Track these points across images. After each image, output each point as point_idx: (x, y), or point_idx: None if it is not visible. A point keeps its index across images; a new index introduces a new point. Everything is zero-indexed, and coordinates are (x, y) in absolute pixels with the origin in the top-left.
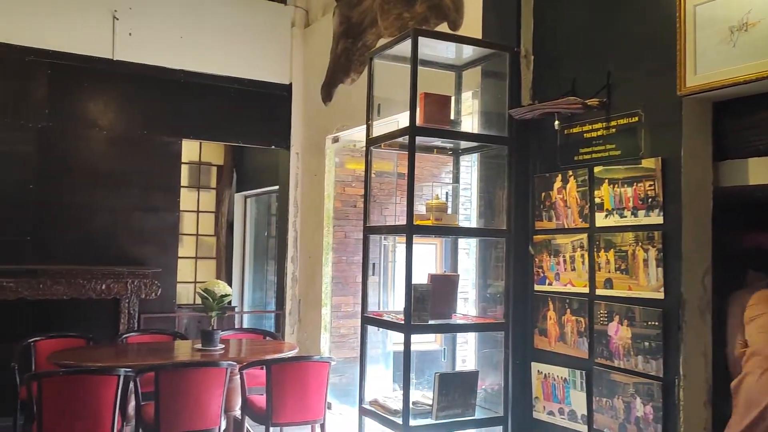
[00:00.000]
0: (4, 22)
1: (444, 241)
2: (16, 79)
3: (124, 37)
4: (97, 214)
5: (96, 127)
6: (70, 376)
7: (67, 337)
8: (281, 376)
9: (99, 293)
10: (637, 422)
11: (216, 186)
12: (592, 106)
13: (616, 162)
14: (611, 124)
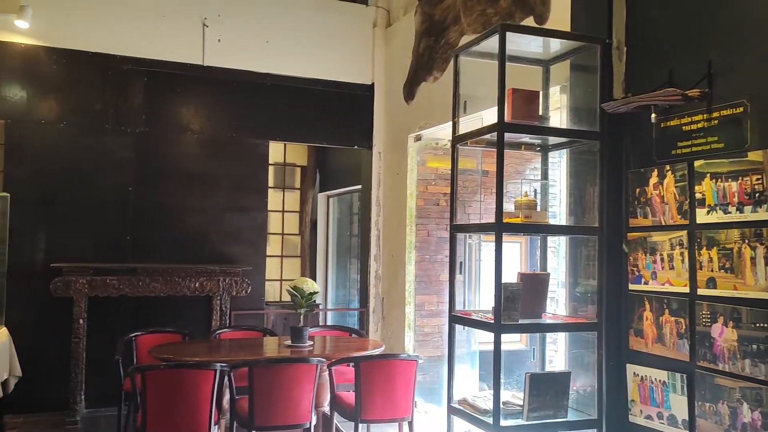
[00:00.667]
0: (105, 35)
1: (528, 239)
2: (116, 87)
3: (213, 43)
4: (190, 215)
5: (188, 131)
6: (171, 369)
7: (164, 333)
8: (370, 373)
9: (193, 291)
10: (744, 429)
11: (300, 186)
12: (692, 97)
13: (718, 155)
14: (713, 116)
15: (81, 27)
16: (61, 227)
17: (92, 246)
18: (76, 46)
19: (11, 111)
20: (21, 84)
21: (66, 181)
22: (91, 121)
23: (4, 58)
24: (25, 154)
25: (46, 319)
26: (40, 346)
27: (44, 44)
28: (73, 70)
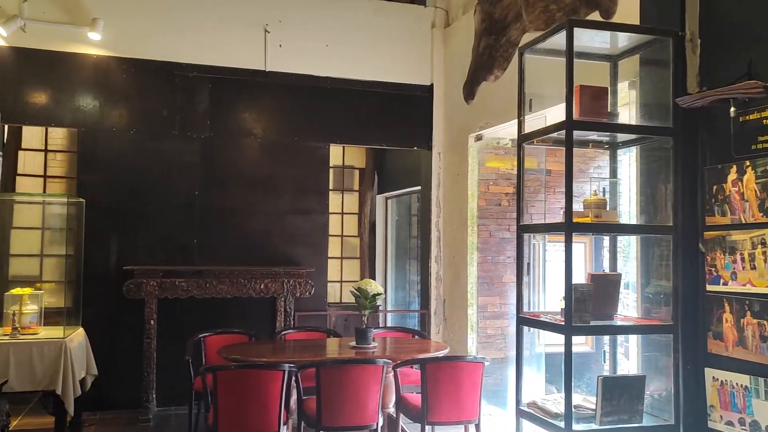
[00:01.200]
0: (171, 44)
1: (593, 239)
2: (183, 94)
3: (275, 48)
4: (254, 217)
5: (251, 135)
6: (241, 369)
7: (231, 333)
8: (436, 375)
9: (258, 292)
10: None
11: (359, 188)
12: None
13: None
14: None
15: (149, 37)
16: (132, 231)
17: (161, 249)
18: (144, 55)
19: (84, 120)
20: (93, 94)
21: (136, 186)
22: (159, 128)
23: (77, 70)
24: (98, 161)
25: (119, 320)
26: (114, 346)
27: (115, 55)
28: (142, 78)
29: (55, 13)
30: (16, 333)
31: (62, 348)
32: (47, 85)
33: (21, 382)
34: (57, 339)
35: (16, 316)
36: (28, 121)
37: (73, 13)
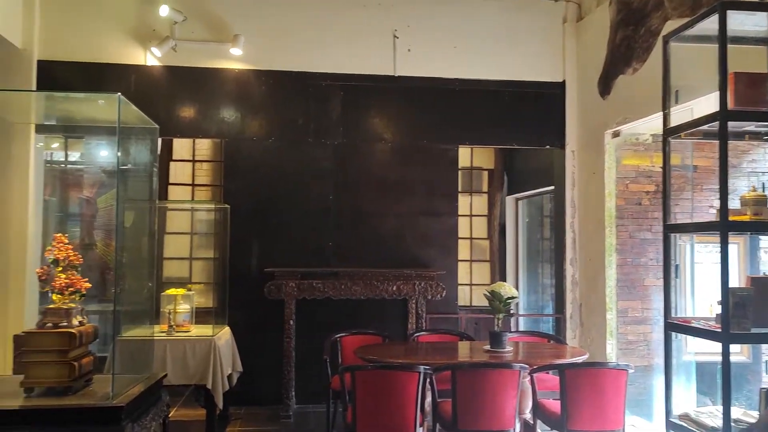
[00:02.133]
0: (305, 55)
1: (747, 239)
2: (316, 103)
3: (403, 53)
4: (385, 220)
5: (382, 139)
6: (378, 370)
7: (366, 334)
8: (576, 381)
9: (391, 294)
10: None
11: (488, 190)
12: None
13: None
14: None
15: (285, 50)
16: (272, 234)
17: (299, 251)
18: (281, 67)
19: (228, 131)
20: (235, 106)
21: (275, 192)
22: (295, 136)
23: (221, 84)
24: (240, 169)
25: (261, 320)
26: (256, 345)
27: (254, 68)
28: (279, 89)
29: (202, 33)
30: (172, 330)
31: (211, 345)
32: (195, 100)
33: (176, 376)
34: (207, 337)
35: (171, 314)
36: (178, 134)
37: (218, 31)
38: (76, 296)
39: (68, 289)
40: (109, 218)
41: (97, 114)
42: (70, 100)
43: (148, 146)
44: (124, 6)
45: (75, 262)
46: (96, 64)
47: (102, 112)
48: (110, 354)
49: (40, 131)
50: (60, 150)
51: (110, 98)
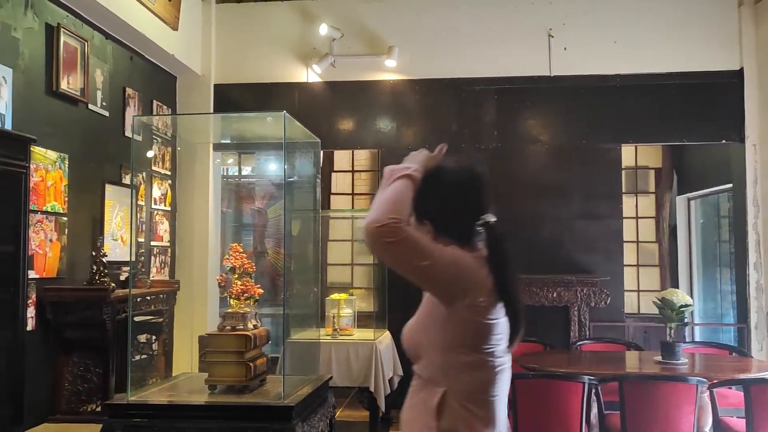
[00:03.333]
0: (458, 61)
1: None
2: (470, 108)
3: (559, 52)
4: (543, 225)
5: (538, 142)
6: (539, 379)
7: (526, 342)
8: (763, 398)
9: (551, 301)
10: None
11: (655, 190)
12: None
13: None
14: None
15: (438, 57)
16: None
17: None
18: (434, 75)
19: (384, 141)
20: (391, 116)
21: None
22: (449, 142)
23: (377, 95)
24: None
25: None
26: None
27: (408, 78)
28: (433, 97)
29: (358, 47)
30: (336, 334)
31: (373, 349)
32: (353, 112)
33: (341, 378)
34: (369, 340)
35: (336, 318)
36: (338, 146)
37: (373, 44)
38: (250, 301)
39: (243, 294)
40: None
41: (266, 131)
42: (242, 120)
43: (311, 159)
44: (287, 29)
45: (249, 269)
46: (263, 84)
47: (270, 129)
48: (281, 356)
49: (216, 149)
50: (234, 165)
51: (277, 116)
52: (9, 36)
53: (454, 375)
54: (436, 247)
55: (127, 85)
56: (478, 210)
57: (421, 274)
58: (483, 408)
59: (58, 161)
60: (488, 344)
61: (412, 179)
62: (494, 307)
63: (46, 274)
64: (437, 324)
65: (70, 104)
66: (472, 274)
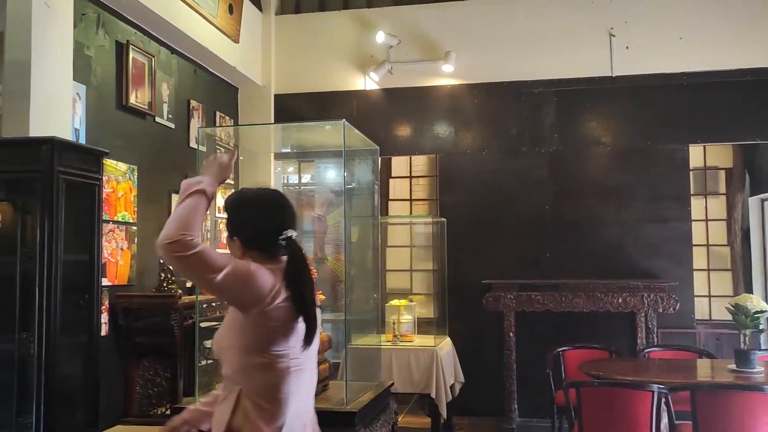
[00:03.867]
0: (516, 64)
1: None
2: (529, 111)
3: (621, 51)
4: (606, 228)
5: (600, 144)
6: (605, 387)
7: (590, 349)
8: None
9: (616, 306)
10: None
11: (726, 191)
12: None
13: None
14: None
15: (496, 61)
16: (488, 245)
17: (516, 263)
18: (492, 78)
19: (442, 146)
20: (448, 121)
21: (490, 204)
22: (508, 146)
23: (434, 101)
24: (455, 182)
25: (480, 331)
26: (477, 356)
27: (465, 82)
28: (491, 101)
29: (415, 53)
30: (396, 340)
31: (434, 355)
32: (410, 118)
33: (402, 384)
34: (429, 347)
35: (396, 324)
36: (396, 152)
37: (430, 50)
38: None
39: None
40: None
41: (325, 139)
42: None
43: (370, 166)
44: (345, 38)
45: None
46: (322, 93)
47: (329, 138)
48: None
49: (277, 158)
50: (294, 173)
51: (336, 125)
52: (83, 54)
53: (249, 375)
54: (229, 261)
55: (192, 98)
56: (279, 226)
57: (214, 286)
58: (273, 404)
59: (127, 172)
60: (281, 347)
61: (205, 194)
62: (288, 313)
63: (118, 281)
64: (236, 329)
65: (139, 117)
66: (264, 284)
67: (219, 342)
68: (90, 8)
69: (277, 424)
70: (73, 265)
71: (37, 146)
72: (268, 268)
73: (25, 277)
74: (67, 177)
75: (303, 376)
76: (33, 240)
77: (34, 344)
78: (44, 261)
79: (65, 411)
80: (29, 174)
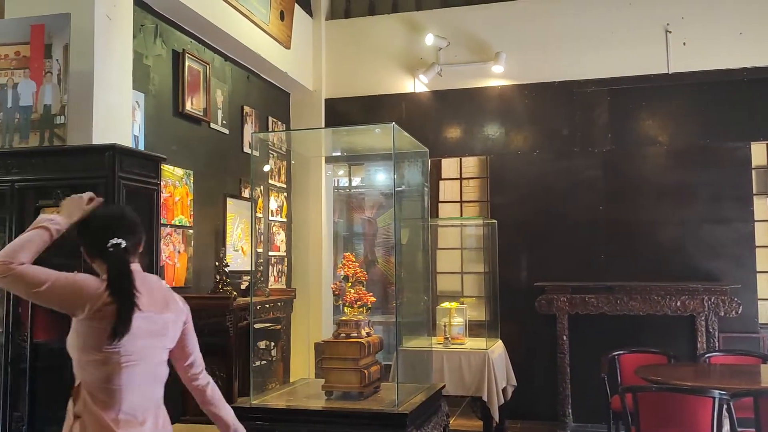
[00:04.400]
0: (568, 63)
1: None
2: (582, 111)
3: (677, 48)
4: (662, 229)
5: (656, 143)
6: (664, 392)
7: (647, 353)
8: None
9: (674, 310)
10: None
11: None
12: None
13: None
14: None
15: (547, 60)
16: (540, 247)
17: (568, 265)
18: (543, 78)
19: (492, 147)
20: (499, 122)
21: (541, 205)
22: (560, 147)
23: (484, 102)
24: (506, 184)
25: (532, 334)
26: (529, 359)
27: (516, 82)
28: (542, 101)
29: (465, 55)
30: (448, 342)
31: (485, 358)
32: (460, 120)
33: (453, 387)
34: (481, 350)
35: (447, 327)
36: (446, 154)
37: (479, 51)
38: (363, 309)
39: (357, 302)
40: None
41: (375, 142)
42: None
43: (419, 168)
44: (394, 41)
45: (362, 278)
46: (372, 96)
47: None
48: (394, 363)
49: (328, 161)
50: (345, 177)
51: (385, 128)
52: (141, 63)
53: (86, 370)
54: (51, 275)
55: (245, 104)
56: (107, 236)
57: (38, 298)
58: (106, 395)
59: (184, 177)
60: (112, 345)
61: (48, 230)
62: (114, 314)
63: (176, 283)
64: (74, 330)
65: (194, 124)
66: (87, 290)
67: (67, 342)
68: (148, 19)
69: (112, 412)
70: None
71: (100, 153)
72: (94, 276)
73: None
74: (128, 182)
75: (135, 370)
76: None
77: None
78: None
79: None
80: (93, 180)
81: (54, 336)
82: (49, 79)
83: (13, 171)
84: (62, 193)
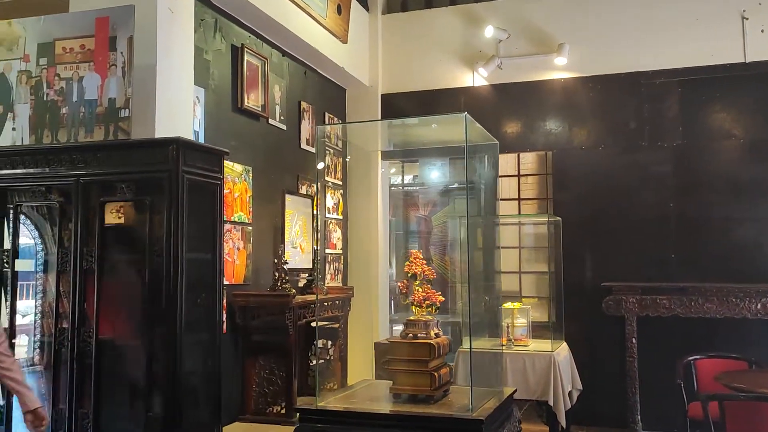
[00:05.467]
0: (635, 53)
1: None
2: (650, 103)
3: (755, 36)
4: (737, 227)
5: (731, 136)
6: (753, 402)
7: (727, 358)
8: None
9: (754, 313)
10: None
11: None
12: None
13: None
14: None
15: (612, 51)
16: (606, 246)
17: (636, 264)
18: (609, 70)
19: (555, 142)
20: (562, 116)
21: (607, 202)
22: (627, 141)
23: (546, 95)
24: (569, 180)
25: (599, 336)
26: (595, 362)
27: (580, 75)
28: (607, 93)
29: (525, 47)
30: (511, 344)
31: (551, 361)
32: (520, 114)
33: (517, 390)
34: (545, 352)
35: (510, 328)
36: (506, 149)
37: (541, 43)
38: (431, 309)
39: (425, 301)
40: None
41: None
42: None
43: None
44: (452, 34)
45: (430, 276)
46: (429, 91)
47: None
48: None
49: (387, 157)
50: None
51: (457, 117)
52: (202, 58)
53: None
54: None
55: (302, 99)
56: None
57: None
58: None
59: (243, 173)
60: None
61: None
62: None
63: (235, 280)
64: None
65: (253, 119)
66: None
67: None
68: (208, 14)
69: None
70: (195, 264)
71: (163, 147)
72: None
73: (155, 276)
74: (191, 176)
75: None
76: (160, 238)
77: (162, 341)
78: (170, 259)
79: (190, 406)
80: (156, 174)
81: (119, 333)
82: (113, 72)
83: (78, 165)
84: (126, 187)
